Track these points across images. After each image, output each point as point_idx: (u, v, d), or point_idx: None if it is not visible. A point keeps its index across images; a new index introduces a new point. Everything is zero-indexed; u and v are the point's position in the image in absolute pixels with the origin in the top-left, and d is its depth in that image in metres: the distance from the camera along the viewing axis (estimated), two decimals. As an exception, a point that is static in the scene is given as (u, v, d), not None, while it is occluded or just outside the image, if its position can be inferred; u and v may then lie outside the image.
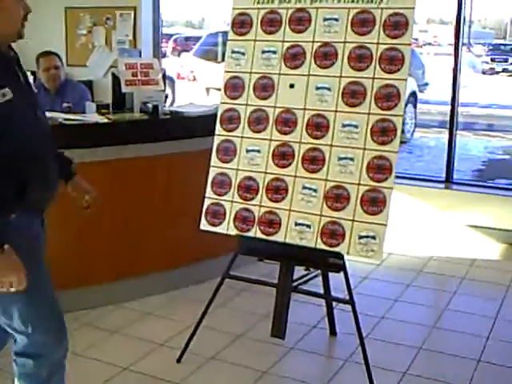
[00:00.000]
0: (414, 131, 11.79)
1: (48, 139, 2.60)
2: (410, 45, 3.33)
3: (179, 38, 14.72)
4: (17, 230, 2.39)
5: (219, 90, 3.77)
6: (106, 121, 4.43)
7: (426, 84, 14.30)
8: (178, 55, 14.01)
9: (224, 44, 11.30)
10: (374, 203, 3.28)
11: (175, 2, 13.06)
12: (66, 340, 2.68)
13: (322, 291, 3.85)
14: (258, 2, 3.66)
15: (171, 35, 14.61)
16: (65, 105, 5.13)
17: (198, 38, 13.48)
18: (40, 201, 2.56)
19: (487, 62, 20.82)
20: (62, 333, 2.67)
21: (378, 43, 3.34)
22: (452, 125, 6.33)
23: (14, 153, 2.38)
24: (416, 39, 24.43)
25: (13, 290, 2.33)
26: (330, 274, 3.76)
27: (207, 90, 8.64)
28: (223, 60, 3.85)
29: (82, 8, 7.47)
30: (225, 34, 10.44)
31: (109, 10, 7.36)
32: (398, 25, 3.33)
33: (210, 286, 3.81)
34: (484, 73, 20.58)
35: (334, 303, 4.05)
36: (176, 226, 4.54)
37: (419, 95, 12.49)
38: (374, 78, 3.33)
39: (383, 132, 3.29)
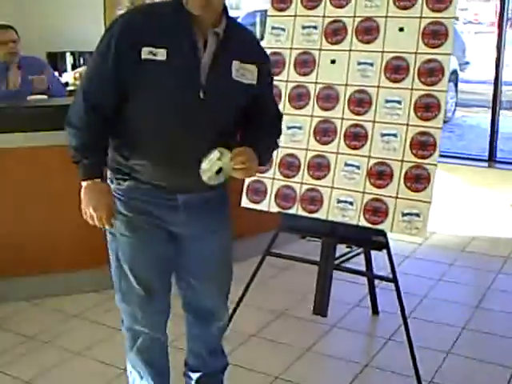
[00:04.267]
0: (455, 110, 11.62)
1: (196, 121, 2.40)
2: (454, 18, 3.26)
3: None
4: (123, 197, 2.52)
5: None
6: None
7: (467, 63, 14.07)
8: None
9: (262, 23, 11.21)
10: (418, 180, 3.22)
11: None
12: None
13: (364, 269, 3.83)
14: (299, -23, 3.61)
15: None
16: (30, 77, 5.14)
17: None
18: (157, 178, 2.48)
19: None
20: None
21: (420, 17, 3.27)
22: (495, 103, 6.22)
23: (139, 120, 2.40)
24: (457, 18, 24.12)
25: (97, 224, 2.45)
26: (373, 253, 3.73)
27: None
28: (261, 39, 3.79)
29: (120, -12, 7.48)
30: (263, 12, 10.39)
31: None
32: (442, -2, 3.26)
33: (250, 264, 3.79)
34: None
35: (376, 282, 4.02)
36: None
37: (460, 74, 12.29)
38: (416, 53, 3.26)
39: (427, 108, 3.23)
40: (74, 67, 7.64)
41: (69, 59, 7.71)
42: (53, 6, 7.97)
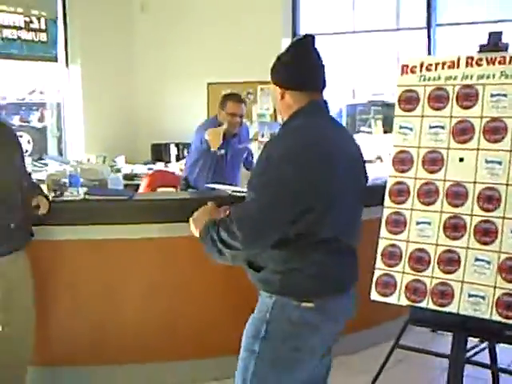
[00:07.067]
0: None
1: None
2: None
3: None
4: None
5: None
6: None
7: None
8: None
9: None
10: (550, 276, 3.30)
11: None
12: None
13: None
14: (424, 79, 3.78)
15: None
16: (240, 146, 5.63)
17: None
18: None
19: None
20: None
21: (550, 117, 3.40)
22: None
23: None
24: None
25: None
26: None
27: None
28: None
29: (223, 83, 7.80)
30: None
31: (250, 85, 7.66)
32: None
33: (370, 353, 3.84)
34: None
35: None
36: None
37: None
38: (546, 152, 3.39)
39: (557, 205, 3.33)
40: (178, 158, 8.02)
41: (173, 150, 8.10)
42: (158, 102, 8.40)
